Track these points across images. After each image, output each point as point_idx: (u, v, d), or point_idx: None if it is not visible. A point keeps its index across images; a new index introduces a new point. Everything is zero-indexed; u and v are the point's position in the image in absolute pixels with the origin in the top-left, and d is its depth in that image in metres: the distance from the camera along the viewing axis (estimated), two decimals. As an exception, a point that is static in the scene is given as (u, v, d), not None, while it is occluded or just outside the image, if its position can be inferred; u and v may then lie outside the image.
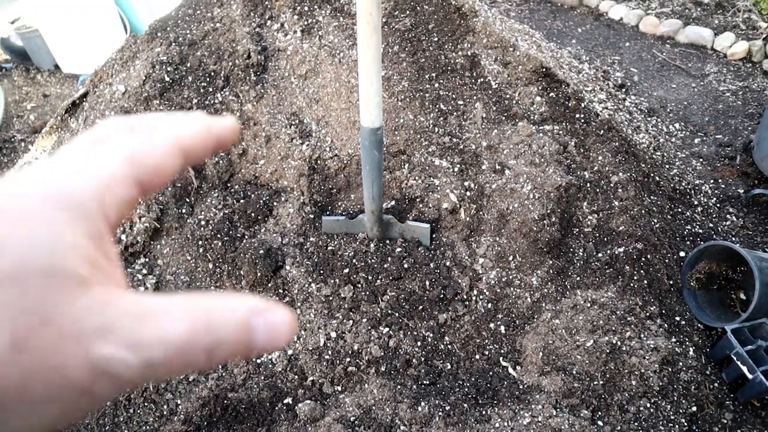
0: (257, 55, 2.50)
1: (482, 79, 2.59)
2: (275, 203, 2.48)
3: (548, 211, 2.31)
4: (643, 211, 2.49)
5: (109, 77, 2.70)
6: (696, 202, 2.94)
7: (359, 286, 2.29)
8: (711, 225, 2.84)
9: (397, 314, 2.23)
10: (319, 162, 2.45)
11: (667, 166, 3.04)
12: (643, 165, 2.70)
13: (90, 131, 0.36)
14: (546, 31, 4.48)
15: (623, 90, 3.79)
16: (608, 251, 2.38)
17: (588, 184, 2.48)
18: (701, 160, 3.36)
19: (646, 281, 2.37)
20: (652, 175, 2.73)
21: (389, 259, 2.32)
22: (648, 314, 2.27)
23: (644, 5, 4.83)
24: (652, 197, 2.64)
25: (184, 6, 2.76)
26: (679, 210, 2.83)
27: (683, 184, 2.99)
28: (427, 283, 2.27)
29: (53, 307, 0.26)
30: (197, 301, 0.30)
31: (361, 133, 2.01)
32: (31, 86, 4.77)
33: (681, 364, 2.17)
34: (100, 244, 0.31)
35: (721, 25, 4.54)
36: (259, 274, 2.27)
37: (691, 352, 2.24)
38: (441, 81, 2.55)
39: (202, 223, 2.39)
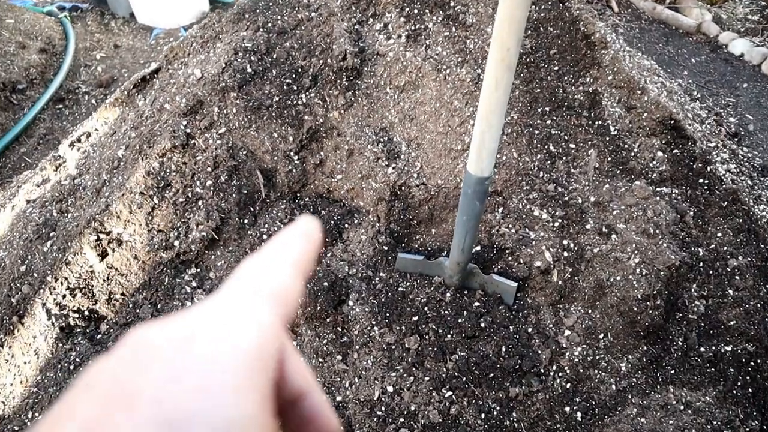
0: (353, 57, 2.21)
1: (600, 122, 2.27)
2: (347, 225, 2.22)
3: (654, 292, 2.01)
4: (758, 305, 2.16)
5: (185, 55, 2.44)
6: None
7: (427, 338, 2.03)
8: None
9: (464, 378, 1.97)
10: (403, 189, 2.17)
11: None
12: (763, 246, 2.36)
13: (232, 277, 0.35)
14: (656, 56, 4.05)
15: (736, 140, 3.39)
16: (713, 347, 2.08)
17: (701, 264, 2.16)
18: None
19: (750, 390, 2.06)
20: (770, 258, 2.39)
21: (465, 313, 2.05)
22: (748, 430, 1.97)
23: (771, 43, 4.35)
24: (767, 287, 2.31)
25: (279, -14, 2.47)
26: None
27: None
28: (503, 348, 2.01)
29: None
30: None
31: (465, 179, 1.72)
32: (104, 33, 4.58)
33: (779, 496, 1.88)
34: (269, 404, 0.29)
35: None
36: (318, 308, 2.02)
37: (790, 483, 1.94)
38: (554, 118, 2.23)
39: (264, 237, 2.14)
